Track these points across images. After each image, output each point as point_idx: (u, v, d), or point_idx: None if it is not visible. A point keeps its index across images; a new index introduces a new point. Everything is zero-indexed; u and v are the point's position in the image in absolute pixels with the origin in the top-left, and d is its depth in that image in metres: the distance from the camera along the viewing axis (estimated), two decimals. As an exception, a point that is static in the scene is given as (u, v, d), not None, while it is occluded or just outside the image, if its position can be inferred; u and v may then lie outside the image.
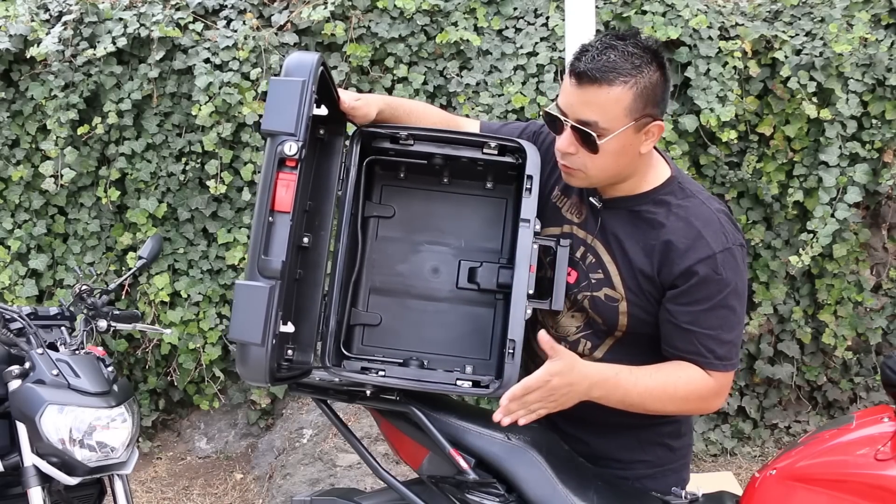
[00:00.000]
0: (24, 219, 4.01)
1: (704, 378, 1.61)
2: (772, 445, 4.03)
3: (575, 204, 1.74)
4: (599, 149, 1.54)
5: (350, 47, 3.80)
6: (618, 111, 1.51)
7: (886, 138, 3.69)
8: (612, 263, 1.66)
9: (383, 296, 1.84)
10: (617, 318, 1.67)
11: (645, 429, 1.76)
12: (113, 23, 3.83)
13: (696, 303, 1.58)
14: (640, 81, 1.51)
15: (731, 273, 1.58)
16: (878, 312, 3.95)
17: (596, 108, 1.51)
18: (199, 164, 3.90)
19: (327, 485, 3.51)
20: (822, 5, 3.77)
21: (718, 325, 1.59)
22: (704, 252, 1.57)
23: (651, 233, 1.62)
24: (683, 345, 1.61)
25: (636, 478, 1.77)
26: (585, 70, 1.49)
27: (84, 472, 2.20)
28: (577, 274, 1.71)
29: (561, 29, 3.69)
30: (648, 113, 1.54)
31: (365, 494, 1.82)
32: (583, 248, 1.71)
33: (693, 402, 1.64)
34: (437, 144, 1.77)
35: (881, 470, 1.49)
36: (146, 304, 3.95)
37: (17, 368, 2.22)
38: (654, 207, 1.64)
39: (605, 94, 1.50)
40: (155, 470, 4.02)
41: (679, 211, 1.62)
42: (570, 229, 1.74)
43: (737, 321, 1.62)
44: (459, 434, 1.66)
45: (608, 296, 1.67)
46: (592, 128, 1.52)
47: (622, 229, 1.66)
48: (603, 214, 1.68)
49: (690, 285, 1.58)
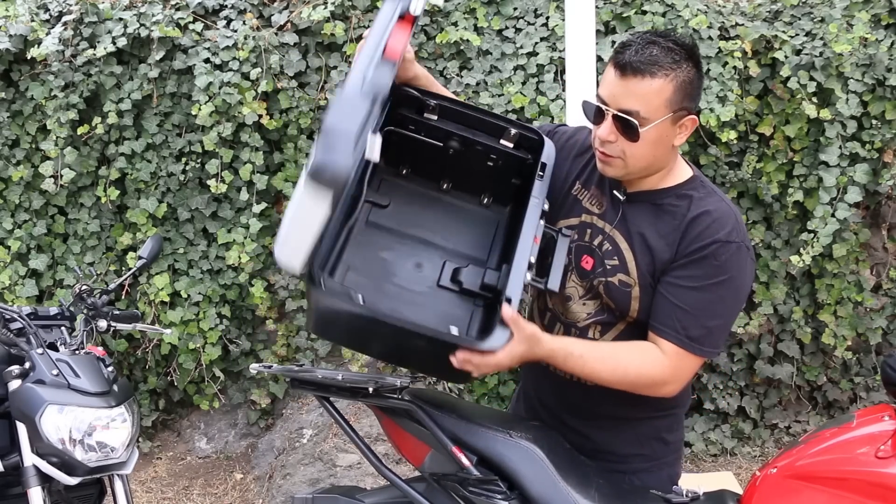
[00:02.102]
0: (24, 219, 4.01)
1: (659, 360, 1.65)
2: (772, 445, 4.03)
3: (595, 196, 1.80)
4: (640, 136, 1.62)
5: (350, 47, 3.80)
6: (658, 102, 1.61)
7: (886, 138, 3.70)
8: (628, 251, 1.72)
9: (360, 276, 1.79)
10: (629, 304, 1.71)
11: (642, 422, 1.80)
12: (113, 23, 3.83)
13: (688, 278, 1.65)
14: (679, 75, 1.61)
15: (731, 265, 1.64)
16: (878, 312, 3.95)
17: (639, 97, 1.60)
18: (199, 163, 3.90)
19: (327, 484, 3.51)
20: (822, 5, 3.77)
21: (701, 308, 1.63)
22: (712, 237, 1.64)
23: (673, 222, 1.69)
24: (662, 316, 1.66)
25: (633, 472, 1.80)
26: (630, 62, 1.59)
27: (84, 472, 2.20)
28: (594, 261, 1.76)
29: (561, 29, 3.69)
30: (685, 106, 1.64)
31: (367, 492, 1.82)
32: (601, 237, 1.76)
33: (644, 384, 1.68)
34: (458, 125, 1.77)
35: (882, 468, 1.50)
36: (146, 304, 3.95)
37: (18, 368, 2.22)
38: (676, 201, 1.71)
39: (647, 85, 1.59)
40: (155, 470, 4.02)
41: (700, 203, 1.69)
42: (590, 219, 1.79)
43: (723, 311, 1.66)
44: (461, 431, 1.67)
45: (622, 281, 1.71)
46: (634, 116, 1.61)
47: (644, 220, 1.72)
48: (625, 207, 1.74)
49: (690, 261, 1.65)
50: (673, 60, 1.60)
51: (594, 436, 1.81)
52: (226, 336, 4.01)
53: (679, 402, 1.82)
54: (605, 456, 1.80)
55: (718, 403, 4.03)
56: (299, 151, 3.90)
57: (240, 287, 4.00)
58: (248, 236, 3.84)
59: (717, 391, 4.03)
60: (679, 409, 1.84)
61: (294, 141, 3.90)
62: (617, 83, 1.62)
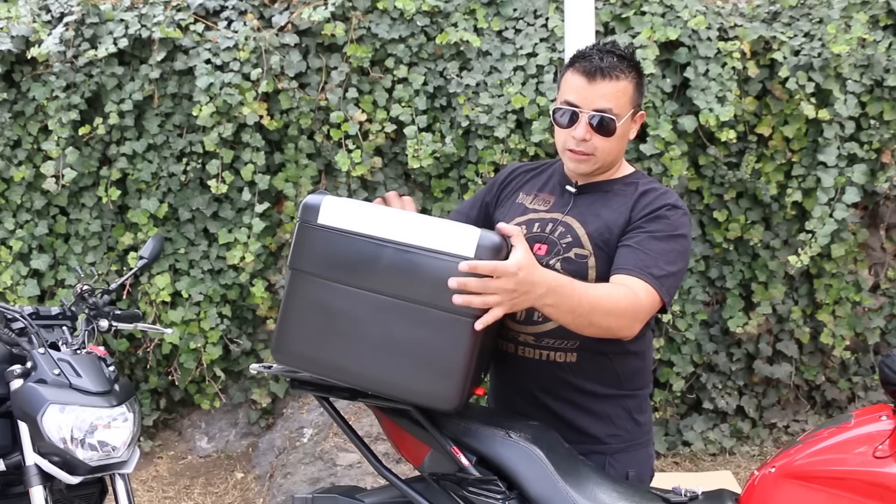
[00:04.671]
0: (26, 219, 4.01)
1: (642, 290, 1.73)
2: (770, 445, 4.04)
3: (540, 199, 1.98)
4: (616, 130, 1.83)
5: (350, 48, 3.81)
6: (625, 100, 1.85)
7: (884, 139, 3.71)
8: (580, 227, 1.87)
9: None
10: (586, 273, 1.83)
11: (611, 400, 1.89)
12: (114, 24, 3.84)
13: (646, 232, 1.82)
14: (634, 78, 1.87)
15: (682, 226, 1.84)
16: (876, 312, 3.96)
17: (610, 97, 1.83)
18: (200, 164, 3.91)
19: (328, 484, 3.52)
20: (820, 6, 3.78)
21: (659, 253, 1.79)
22: (663, 202, 1.86)
23: (623, 199, 1.89)
24: (626, 261, 1.78)
25: (612, 453, 1.88)
26: (599, 67, 1.82)
27: (85, 472, 2.20)
28: (547, 246, 1.88)
29: (560, 30, 3.69)
30: (639, 103, 1.91)
31: (366, 492, 1.83)
32: (551, 225, 1.90)
33: (629, 316, 1.72)
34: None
35: (879, 468, 1.50)
36: (147, 303, 3.96)
37: (19, 368, 2.22)
38: (624, 187, 1.93)
39: (615, 86, 1.83)
40: (156, 469, 4.03)
41: (645, 185, 1.92)
42: (537, 215, 1.94)
43: (677, 260, 1.82)
44: (460, 431, 1.68)
45: (578, 254, 1.85)
46: (609, 114, 1.83)
47: (595, 201, 1.91)
48: (577, 197, 1.93)
49: (646, 220, 1.84)
50: (628, 66, 1.86)
51: (569, 416, 1.87)
52: (227, 336, 4.02)
53: (643, 383, 1.95)
54: (585, 439, 1.86)
55: (717, 403, 4.03)
56: (300, 152, 3.91)
57: (241, 287, 4.01)
58: (251, 236, 3.85)
59: (715, 391, 4.04)
60: (644, 391, 1.97)
61: (294, 141, 3.91)
62: (587, 87, 1.83)
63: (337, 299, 1.63)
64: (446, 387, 1.56)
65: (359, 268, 1.60)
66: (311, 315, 1.66)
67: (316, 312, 1.65)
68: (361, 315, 1.60)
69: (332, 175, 3.96)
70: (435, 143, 3.78)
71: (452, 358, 1.55)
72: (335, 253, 1.62)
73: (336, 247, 1.62)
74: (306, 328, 1.67)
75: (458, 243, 1.50)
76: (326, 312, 1.64)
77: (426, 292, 1.53)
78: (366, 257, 1.59)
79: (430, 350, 1.55)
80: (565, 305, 1.60)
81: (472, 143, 3.84)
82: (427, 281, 1.54)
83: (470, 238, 1.50)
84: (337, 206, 1.63)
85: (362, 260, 1.59)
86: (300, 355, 1.69)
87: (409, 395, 1.62)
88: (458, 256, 1.49)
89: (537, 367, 1.87)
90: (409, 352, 1.57)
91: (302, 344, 1.67)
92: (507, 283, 1.48)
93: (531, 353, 1.87)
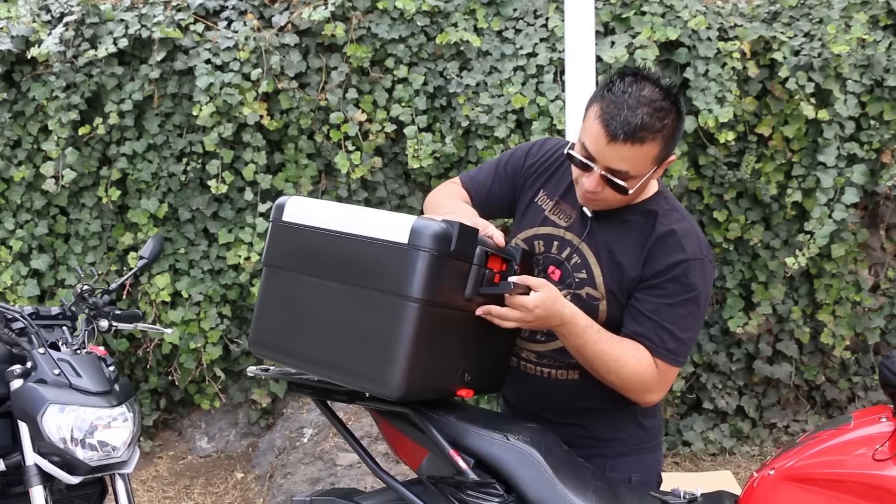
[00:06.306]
0: (26, 219, 4.02)
1: (652, 367, 1.73)
2: (770, 445, 4.04)
3: (561, 209, 1.86)
4: (628, 190, 1.68)
5: (350, 48, 3.81)
6: (647, 162, 1.67)
7: (884, 139, 3.70)
8: (596, 265, 1.79)
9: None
10: (596, 316, 1.77)
11: (619, 409, 1.85)
12: (114, 24, 3.84)
13: (662, 296, 1.73)
14: (667, 132, 1.65)
15: (698, 280, 1.73)
16: (876, 312, 3.96)
17: (629, 161, 1.65)
18: (200, 164, 3.91)
19: (328, 484, 3.52)
20: (820, 6, 3.78)
21: (675, 322, 1.73)
22: (680, 256, 1.73)
23: (639, 239, 1.77)
24: (641, 329, 1.74)
25: (613, 456, 1.86)
26: (622, 131, 1.61)
27: (85, 472, 2.20)
28: (561, 272, 1.82)
29: (560, 30, 3.69)
30: (670, 152, 1.71)
31: (364, 494, 1.83)
32: (569, 250, 1.82)
33: (634, 385, 1.74)
34: None
35: (879, 470, 1.49)
36: (147, 303, 3.96)
37: (19, 368, 2.23)
38: (641, 217, 1.78)
39: (637, 150, 1.63)
40: (156, 469, 4.03)
41: (664, 220, 1.77)
42: (557, 231, 1.84)
43: (693, 324, 1.76)
44: (458, 434, 1.67)
45: (590, 294, 1.78)
46: (622, 176, 1.66)
47: (611, 235, 1.79)
48: (593, 222, 1.80)
49: (662, 280, 1.73)
50: (660, 120, 1.62)
51: (571, 420, 1.87)
52: (227, 336, 4.02)
53: None
54: (586, 442, 1.84)
55: (717, 403, 4.04)
56: (300, 152, 3.91)
57: (240, 287, 4.01)
58: (254, 235, 3.86)
59: (715, 391, 4.04)
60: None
61: (294, 141, 3.91)
62: (606, 146, 1.63)
63: (299, 289, 1.73)
64: (389, 372, 1.57)
65: (314, 258, 1.71)
66: (279, 306, 1.77)
67: (283, 304, 1.76)
68: (317, 303, 1.70)
69: (332, 175, 3.96)
70: (435, 143, 3.78)
71: (394, 340, 1.57)
72: (297, 246, 1.74)
73: (297, 241, 1.74)
74: (275, 320, 1.78)
75: (394, 230, 1.60)
76: (291, 303, 1.74)
77: (369, 276, 1.62)
78: (320, 248, 1.70)
79: (374, 334, 1.60)
80: (571, 343, 1.71)
81: (472, 143, 3.84)
82: (370, 265, 1.63)
83: (404, 226, 1.59)
84: (299, 205, 1.77)
85: (317, 251, 1.71)
86: (271, 346, 1.78)
87: (357, 381, 1.65)
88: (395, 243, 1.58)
89: (540, 383, 1.87)
90: (356, 337, 1.63)
91: (272, 335, 1.77)
92: (526, 315, 1.64)
93: (533, 370, 1.88)
